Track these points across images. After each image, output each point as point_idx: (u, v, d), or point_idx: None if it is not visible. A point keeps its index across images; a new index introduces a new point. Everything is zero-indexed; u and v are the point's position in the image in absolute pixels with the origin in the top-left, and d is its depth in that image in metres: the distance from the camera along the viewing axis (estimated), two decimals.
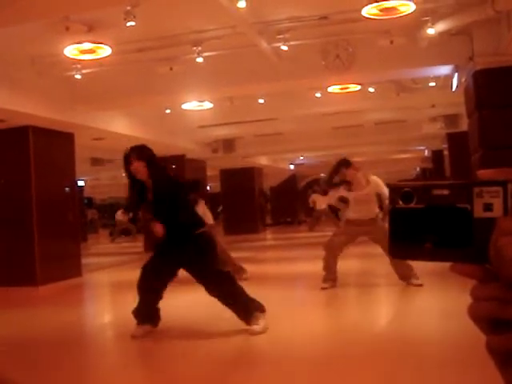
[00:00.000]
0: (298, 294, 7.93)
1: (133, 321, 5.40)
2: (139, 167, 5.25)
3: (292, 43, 7.30)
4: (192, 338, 5.33)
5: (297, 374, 4.17)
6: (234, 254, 14.12)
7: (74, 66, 7.85)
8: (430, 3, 6.71)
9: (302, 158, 22.41)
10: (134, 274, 5.72)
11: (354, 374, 4.11)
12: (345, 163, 7.51)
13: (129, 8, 6.03)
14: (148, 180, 5.31)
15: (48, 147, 9.28)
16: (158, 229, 5.25)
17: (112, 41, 7.04)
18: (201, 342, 5.15)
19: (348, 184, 7.47)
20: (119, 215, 21.75)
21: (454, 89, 9.11)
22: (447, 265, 0.53)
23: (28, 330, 6.29)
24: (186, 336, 5.47)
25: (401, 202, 0.55)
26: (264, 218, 23.02)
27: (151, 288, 5.45)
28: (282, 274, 9.12)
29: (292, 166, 24.48)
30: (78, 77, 8.05)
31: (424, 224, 0.53)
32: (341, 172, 7.49)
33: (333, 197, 8.01)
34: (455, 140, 13.38)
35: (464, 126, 9.59)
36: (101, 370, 4.70)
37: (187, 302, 7.40)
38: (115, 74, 8.48)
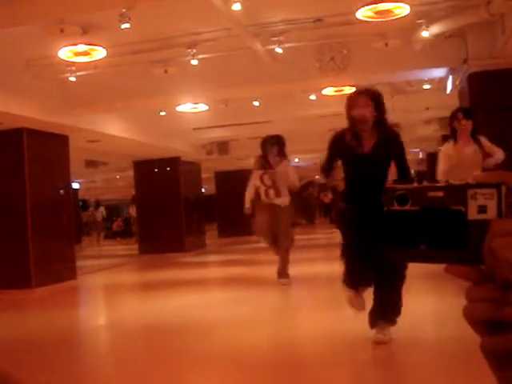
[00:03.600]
0: (293, 296, 7.93)
1: (127, 322, 5.38)
2: (368, 108, 4.49)
3: (287, 45, 7.31)
4: (189, 339, 5.33)
5: (295, 377, 4.17)
6: (228, 257, 14.16)
7: (68, 68, 7.83)
8: (425, 6, 6.72)
9: (296, 160, 22.42)
10: (129, 277, 5.70)
11: (345, 378, 4.11)
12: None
13: (124, 10, 6.03)
14: (367, 126, 4.53)
15: (42, 149, 9.25)
16: None
17: (107, 43, 7.03)
18: (199, 344, 5.14)
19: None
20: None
21: (448, 91, 9.13)
22: (442, 266, 0.53)
23: (22, 332, 6.26)
24: (182, 337, 5.46)
25: (396, 204, 0.55)
26: None
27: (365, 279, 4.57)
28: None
29: None
30: (73, 79, 8.03)
31: (419, 226, 0.54)
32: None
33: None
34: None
35: None
36: (95, 372, 4.69)
37: (185, 302, 7.40)
38: (110, 76, 8.47)
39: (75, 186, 21.28)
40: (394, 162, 4.66)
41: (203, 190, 18.50)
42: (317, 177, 21.69)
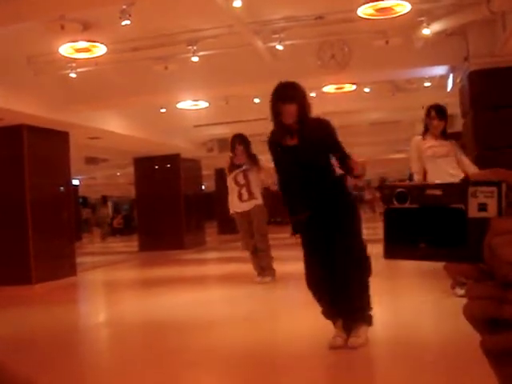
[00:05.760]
0: (292, 294, 7.93)
1: (126, 319, 5.38)
2: (292, 110, 4.55)
3: (288, 43, 7.30)
4: (188, 336, 5.33)
5: (294, 374, 4.17)
6: (228, 254, 14.17)
7: (69, 64, 7.83)
8: (426, 3, 6.72)
9: None
10: (128, 274, 5.69)
11: (346, 376, 4.11)
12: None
13: (124, 7, 6.03)
14: (293, 121, 4.53)
15: (43, 146, 9.25)
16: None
17: (107, 39, 7.03)
18: (198, 341, 5.14)
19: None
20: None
21: (449, 89, 9.13)
22: (441, 264, 0.53)
23: (22, 328, 6.27)
24: (181, 334, 5.46)
25: (395, 202, 0.55)
26: None
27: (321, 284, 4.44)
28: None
29: None
30: (73, 75, 8.03)
31: (418, 224, 0.54)
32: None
33: None
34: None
35: (459, 126, 9.61)
36: (95, 369, 4.69)
37: (184, 300, 7.40)
38: (110, 73, 8.46)
39: (75, 182, 21.28)
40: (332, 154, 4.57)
41: (203, 187, 18.50)
42: None
